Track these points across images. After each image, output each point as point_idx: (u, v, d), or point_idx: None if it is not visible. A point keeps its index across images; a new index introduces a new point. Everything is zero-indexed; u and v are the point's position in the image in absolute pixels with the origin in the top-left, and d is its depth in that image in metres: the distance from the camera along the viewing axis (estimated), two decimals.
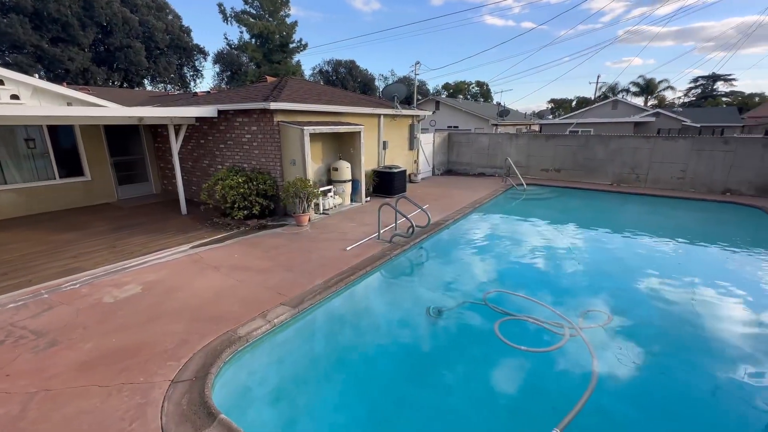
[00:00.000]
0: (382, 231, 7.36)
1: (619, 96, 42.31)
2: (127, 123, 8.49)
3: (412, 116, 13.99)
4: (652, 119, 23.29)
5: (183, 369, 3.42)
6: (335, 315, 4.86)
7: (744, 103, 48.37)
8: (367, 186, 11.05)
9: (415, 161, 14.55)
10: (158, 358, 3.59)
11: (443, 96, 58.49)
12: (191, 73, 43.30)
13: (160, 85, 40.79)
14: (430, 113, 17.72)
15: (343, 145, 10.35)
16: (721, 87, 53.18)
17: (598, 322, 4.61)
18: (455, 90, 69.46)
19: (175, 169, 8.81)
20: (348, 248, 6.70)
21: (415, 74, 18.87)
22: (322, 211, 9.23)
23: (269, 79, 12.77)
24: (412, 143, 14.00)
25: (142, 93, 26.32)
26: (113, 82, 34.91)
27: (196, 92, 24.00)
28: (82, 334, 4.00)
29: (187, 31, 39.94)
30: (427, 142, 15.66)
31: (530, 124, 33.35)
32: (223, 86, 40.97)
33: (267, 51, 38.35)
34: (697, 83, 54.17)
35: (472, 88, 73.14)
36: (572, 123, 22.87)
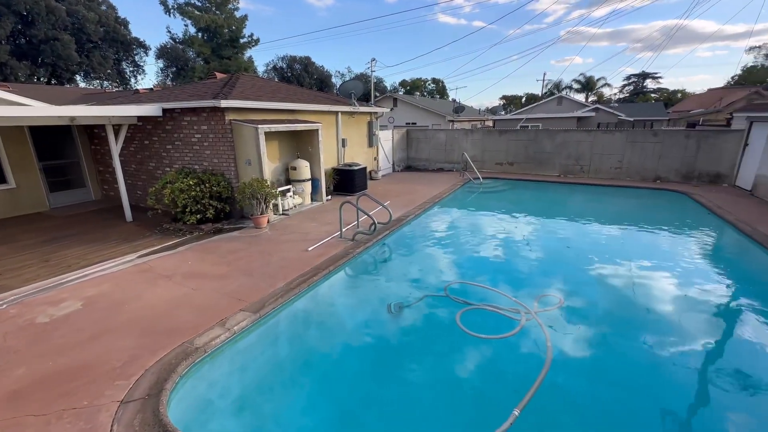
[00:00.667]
0: (344, 229, 7.31)
1: (564, 92, 45.18)
2: (56, 124, 7.67)
3: (371, 113, 13.98)
4: (593, 114, 25.10)
5: (134, 387, 3.18)
6: (299, 317, 4.76)
7: (669, 98, 53.57)
8: (328, 184, 10.91)
9: (375, 158, 14.57)
10: (104, 379, 3.31)
11: (401, 93, 59.06)
12: (131, 69, 40.16)
13: (96, 82, 37.43)
14: (388, 110, 17.80)
15: (301, 143, 10.12)
16: (649, 84, 58.49)
17: (552, 306, 4.91)
18: (412, 87, 70.38)
19: (116, 173, 8.14)
20: (310, 248, 6.58)
21: (372, 71, 18.88)
22: (281, 212, 8.98)
23: (219, 75, 12.14)
24: (372, 140, 14.00)
25: (74, 90, 23.96)
26: (39, 79, 31.52)
27: (137, 89, 22.34)
28: (12, 360, 3.59)
29: (124, 23, 36.94)
30: (386, 139, 15.75)
31: (484, 120, 34.61)
32: (169, 83, 38.45)
33: (216, 46, 36.50)
34: (630, 81, 59.14)
35: (429, 85, 74.51)
36: (522, 118, 24.05)
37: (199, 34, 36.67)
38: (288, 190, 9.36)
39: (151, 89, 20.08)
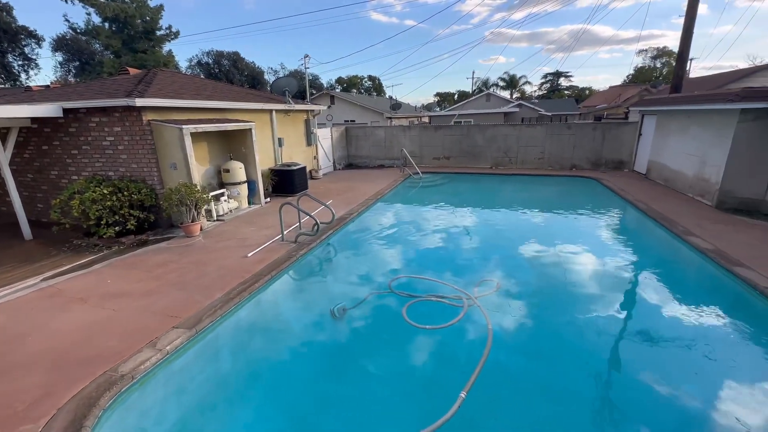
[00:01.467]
0: (285, 232, 7.06)
1: (491, 90, 48.24)
2: None
3: (307, 111, 13.65)
4: (517, 109, 27.20)
5: (44, 431, 2.76)
6: (242, 328, 4.50)
7: (579, 95, 59.98)
8: (266, 186, 10.45)
9: (314, 157, 14.27)
10: (4, 426, 2.82)
11: (338, 90, 58.46)
12: (20, 63, 34.52)
13: None
14: (326, 108, 17.55)
15: (234, 144, 9.55)
16: (563, 82, 64.92)
17: (490, 290, 5.24)
18: (349, 84, 70.06)
19: (7, 185, 6.97)
20: (249, 254, 6.25)
21: (305, 68, 18.43)
22: (216, 218, 8.40)
23: (132, 71, 10.93)
24: (310, 139, 13.69)
25: None
26: None
27: (29, 87, 19.29)
28: None
29: (7, 9, 31.57)
30: (325, 137, 15.51)
31: (421, 117, 35.68)
32: (72, 79, 33.80)
33: (127, 38, 32.85)
34: (547, 79, 65.08)
35: (365, 82, 74.76)
36: (455, 114, 25.24)
37: (106, 25, 32.67)
38: (222, 194, 8.79)
39: (48, 86, 17.45)
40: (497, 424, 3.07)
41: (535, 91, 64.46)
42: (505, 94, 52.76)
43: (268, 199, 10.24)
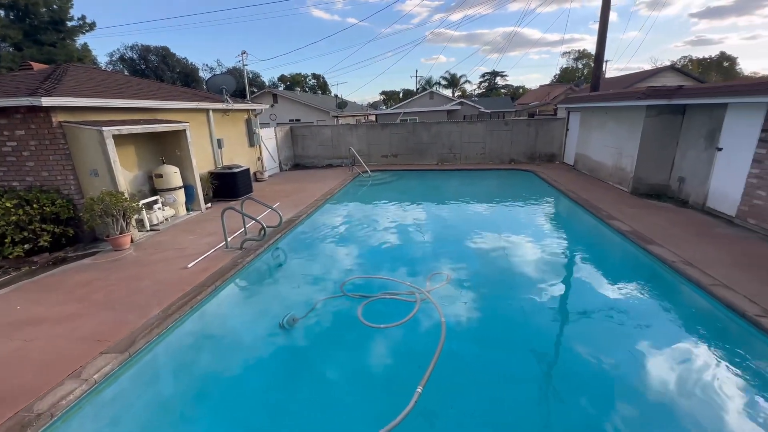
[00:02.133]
0: (230, 238, 6.67)
1: (434, 88, 49.76)
2: None
3: (248, 110, 13.01)
4: (459, 107, 28.33)
5: None
6: (184, 344, 4.17)
7: (514, 93, 64.08)
8: (205, 191, 9.79)
9: (258, 158, 13.67)
10: None
11: (280, 89, 56.56)
12: None
13: None
14: (268, 107, 16.86)
15: (167, 146, 8.81)
16: (499, 81, 68.90)
17: (441, 282, 5.39)
18: (292, 82, 68.15)
19: None
20: (190, 265, 5.81)
21: (243, 65, 17.54)
22: (149, 228, 7.70)
23: (36, 66, 9.61)
24: (253, 139, 13.08)
25: None
26: None
27: None
28: None
29: None
30: (269, 137, 14.92)
31: (367, 115, 35.76)
32: None
33: (30, 29, 28.87)
34: (485, 78, 68.67)
35: (309, 80, 73.21)
36: (401, 112, 25.65)
37: (1, 12, 28.35)
38: (155, 202, 8.07)
39: None
40: (454, 412, 3.16)
41: (474, 90, 67.70)
42: (447, 92, 54.73)
43: (209, 205, 9.61)
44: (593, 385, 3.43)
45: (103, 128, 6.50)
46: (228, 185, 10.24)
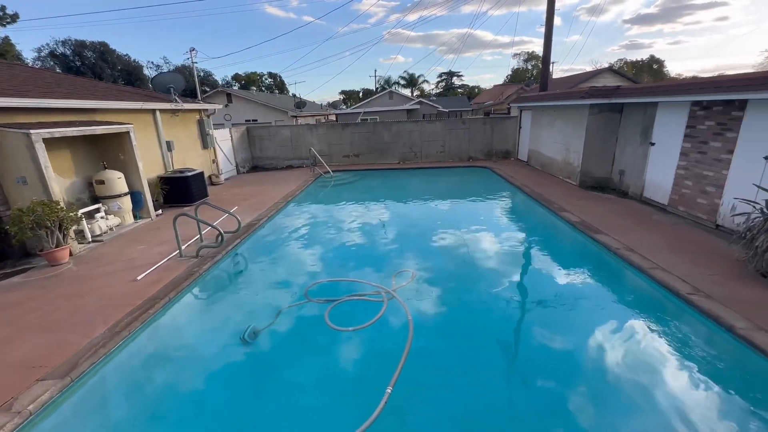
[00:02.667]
0: (184, 246, 6.29)
1: (393, 88, 50.16)
2: None
3: (200, 110, 12.36)
4: (418, 107, 28.80)
5: None
6: (135, 363, 3.86)
7: (470, 92, 66.20)
8: (155, 197, 9.17)
9: (213, 161, 13.03)
10: None
11: (235, 88, 54.33)
12: None
13: None
14: (222, 107, 16.11)
15: (108, 150, 8.14)
16: (456, 81, 70.85)
17: (406, 280, 5.44)
18: (248, 81, 65.75)
19: None
20: (140, 277, 5.41)
21: (193, 62, 16.63)
22: (91, 239, 7.07)
23: None
24: (206, 141, 12.44)
25: None
26: None
27: None
28: None
29: None
30: (224, 138, 14.27)
31: (327, 115, 35.35)
32: None
33: None
34: (442, 78, 70.25)
35: (265, 79, 71.00)
36: (361, 112, 25.60)
37: None
38: (97, 210, 7.43)
39: None
40: (424, 407, 3.20)
41: (432, 90, 69.12)
42: (407, 92, 55.43)
43: (160, 211, 9.02)
44: (553, 366, 3.62)
45: (32, 131, 5.86)
46: (180, 190, 9.66)
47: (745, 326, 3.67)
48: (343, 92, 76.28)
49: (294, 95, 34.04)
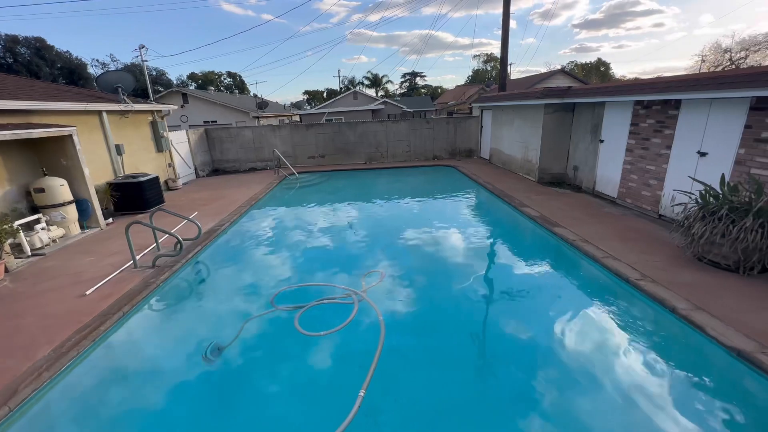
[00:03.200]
0: (138, 257, 5.92)
1: (358, 88, 50.06)
2: None
3: (152, 111, 11.67)
4: (383, 107, 28.91)
5: None
6: (86, 386, 3.57)
7: (433, 92, 67.43)
8: (105, 204, 8.55)
9: (169, 165, 12.35)
10: None
11: (192, 88, 51.91)
12: None
13: None
14: (177, 107, 15.31)
15: (48, 155, 7.49)
16: (419, 81, 71.92)
17: (376, 281, 5.44)
18: (205, 81, 63.04)
19: None
20: (89, 292, 5.02)
21: (143, 60, 15.68)
22: (30, 253, 6.47)
23: None
24: (161, 144, 11.77)
25: None
26: None
27: None
28: None
29: None
30: (181, 140, 13.58)
31: (291, 115, 34.64)
32: None
33: None
34: (406, 78, 71.09)
35: (224, 79, 68.42)
36: (325, 112, 25.32)
37: None
38: (37, 221, 6.82)
39: None
40: (397, 406, 3.21)
41: (397, 90, 69.75)
42: (371, 92, 55.49)
43: (111, 220, 8.42)
44: (519, 355, 3.79)
45: None
46: (133, 196, 9.07)
47: (685, 306, 4.01)
48: (306, 92, 75.05)
49: (255, 95, 33.00)
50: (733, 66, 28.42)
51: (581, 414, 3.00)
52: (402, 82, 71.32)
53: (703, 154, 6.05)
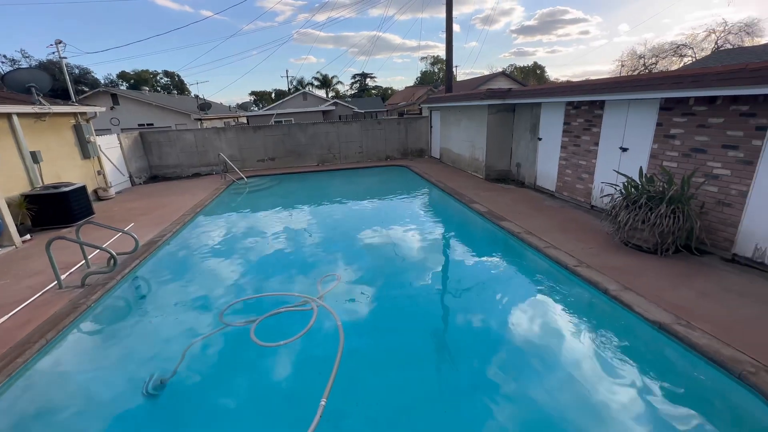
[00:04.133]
0: (64, 276, 5.32)
1: (307, 89, 49.13)
2: None
3: (75, 114, 10.54)
4: (333, 108, 28.67)
5: None
6: (1, 429, 3.13)
7: (384, 93, 68.11)
8: (19, 219, 7.56)
9: (98, 172, 11.23)
10: None
11: (123, 87, 47.75)
12: None
13: None
14: (105, 109, 13.98)
15: None
16: (370, 82, 72.25)
17: (332, 284, 5.36)
18: (138, 80, 58.22)
19: None
20: (2, 320, 4.40)
21: (61, 57, 14.12)
22: None
23: None
24: (87, 150, 10.66)
25: None
26: None
27: None
28: None
29: None
30: (112, 145, 12.41)
31: (237, 117, 33.12)
32: None
33: None
34: (356, 79, 71.02)
35: (161, 78, 63.71)
36: (274, 113, 24.55)
37: None
38: None
39: None
40: (360, 408, 3.19)
41: (347, 91, 69.47)
42: (321, 93, 54.75)
43: (29, 237, 7.46)
44: (476, 345, 3.96)
45: None
46: (55, 209, 8.11)
47: (615, 288, 4.44)
48: (253, 93, 72.22)
49: (197, 96, 31.04)
50: (647, 70, 31.97)
51: (533, 392, 3.21)
52: (352, 83, 71.21)
53: (624, 150, 6.72)
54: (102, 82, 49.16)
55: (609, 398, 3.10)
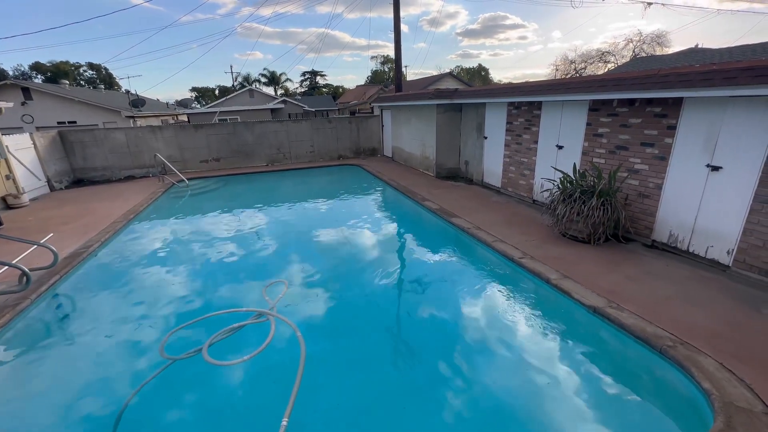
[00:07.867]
0: None
1: (254, 86, 47.02)
2: None
3: None
4: (282, 106, 27.74)
5: None
6: None
7: (335, 92, 67.33)
8: None
9: (7, 177, 9.83)
10: None
11: (38, 81, 42.51)
12: None
13: None
14: (12, 105, 12.29)
15: None
16: (320, 80, 71.00)
17: (281, 292, 5.05)
18: (57, 73, 52.02)
19: None
20: None
21: None
22: None
23: None
24: None
25: None
26: None
27: None
28: None
29: None
30: (23, 146, 10.91)
31: (177, 115, 30.84)
32: None
33: None
34: (306, 77, 69.41)
35: (85, 71, 57.55)
36: (217, 111, 23.20)
37: None
38: None
39: None
40: (323, 417, 3.08)
41: (297, 89, 67.67)
42: (269, 90, 52.77)
43: None
44: (432, 339, 4.06)
45: None
46: None
47: (556, 276, 4.74)
48: (195, 89, 67.70)
49: (128, 91, 28.32)
50: (578, 74, 34.84)
51: (486, 380, 3.38)
52: (302, 81, 69.48)
53: (560, 147, 7.23)
54: (10, 74, 43.27)
55: (553, 379, 3.31)
